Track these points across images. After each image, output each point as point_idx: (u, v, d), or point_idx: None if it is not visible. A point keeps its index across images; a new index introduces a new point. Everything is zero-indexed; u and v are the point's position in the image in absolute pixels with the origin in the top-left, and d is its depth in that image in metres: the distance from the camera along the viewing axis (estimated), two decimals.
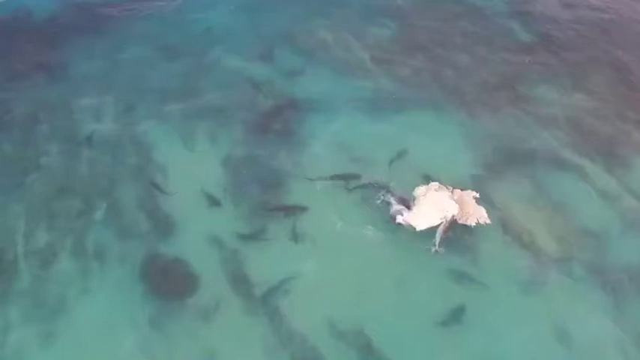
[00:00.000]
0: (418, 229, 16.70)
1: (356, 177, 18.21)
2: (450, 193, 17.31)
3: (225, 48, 23.34)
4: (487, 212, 17.07)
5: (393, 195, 17.52)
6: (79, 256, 16.61)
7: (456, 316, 15.29)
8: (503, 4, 25.89)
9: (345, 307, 15.43)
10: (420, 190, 17.43)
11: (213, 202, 17.85)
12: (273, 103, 21.13)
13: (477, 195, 17.35)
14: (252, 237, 16.95)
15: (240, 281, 15.97)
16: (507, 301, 15.71)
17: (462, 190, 17.50)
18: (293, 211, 17.44)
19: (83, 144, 19.56)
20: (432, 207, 16.79)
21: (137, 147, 19.62)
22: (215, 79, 22.00)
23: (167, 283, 16.03)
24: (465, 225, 16.95)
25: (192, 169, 18.86)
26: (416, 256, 16.54)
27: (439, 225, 16.76)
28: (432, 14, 25.20)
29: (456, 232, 16.90)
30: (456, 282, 16.02)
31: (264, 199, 18.02)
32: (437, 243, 16.55)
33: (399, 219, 16.85)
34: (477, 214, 16.98)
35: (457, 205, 16.84)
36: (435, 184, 17.46)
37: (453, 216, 16.81)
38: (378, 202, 17.52)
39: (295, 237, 16.85)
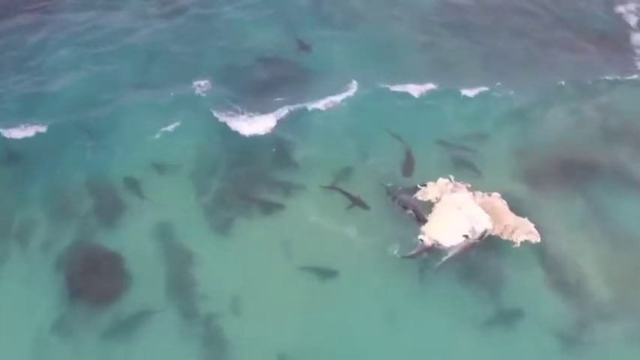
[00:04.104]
0: (447, 246, 13.03)
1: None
2: (472, 195, 13.60)
3: None
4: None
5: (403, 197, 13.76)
6: None
7: None
8: None
9: (303, 341, 11.89)
10: (430, 190, 13.70)
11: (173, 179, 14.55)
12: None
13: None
14: (212, 234, 13.58)
15: (182, 290, 12.59)
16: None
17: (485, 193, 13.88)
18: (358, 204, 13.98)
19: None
20: (460, 215, 13.05)
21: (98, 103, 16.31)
22: None
23: (93, 280, 12.79)
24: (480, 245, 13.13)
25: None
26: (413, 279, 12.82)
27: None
28: None
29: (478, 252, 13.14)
30: (469, 322, 12.26)
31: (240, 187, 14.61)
32: (444, 259, 12.79)
33: (425, 239, 13.03)
34: (524, 229, 13.17)
35: (488, 217, 13.06)
36: (444, 181, 13.84)
37: (486, 231, 12.99)
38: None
39: (267, 239, 13.43)
